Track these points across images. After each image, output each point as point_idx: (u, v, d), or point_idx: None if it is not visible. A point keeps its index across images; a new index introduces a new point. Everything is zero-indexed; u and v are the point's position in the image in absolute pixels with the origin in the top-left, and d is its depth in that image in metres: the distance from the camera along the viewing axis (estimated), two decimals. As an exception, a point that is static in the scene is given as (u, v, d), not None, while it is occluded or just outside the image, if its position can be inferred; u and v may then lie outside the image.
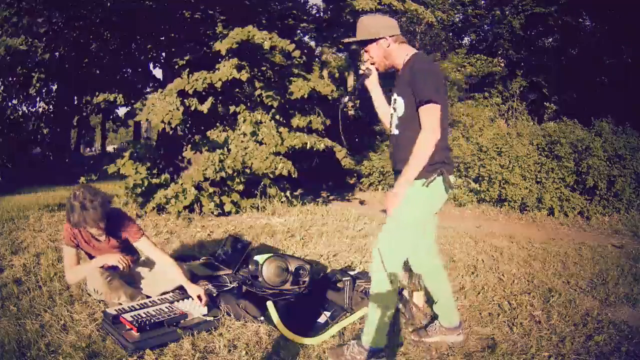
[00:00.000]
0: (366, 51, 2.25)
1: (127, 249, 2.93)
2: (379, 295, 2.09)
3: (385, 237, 2.09)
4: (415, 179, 2.03)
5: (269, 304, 2.51)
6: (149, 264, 3.01)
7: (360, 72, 2.34)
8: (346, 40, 2.37)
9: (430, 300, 2.58)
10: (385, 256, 2.07)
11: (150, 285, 2.87)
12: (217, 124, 6.87)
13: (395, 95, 2.20)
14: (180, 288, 2.80)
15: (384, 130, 10.56)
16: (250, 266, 3.02)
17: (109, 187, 8.84)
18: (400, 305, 2.73)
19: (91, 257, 2.83)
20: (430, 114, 1.99)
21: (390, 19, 2.25)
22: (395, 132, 2.21)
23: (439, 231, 5.48)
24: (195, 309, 2.55)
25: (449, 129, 2.19)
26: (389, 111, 2.29)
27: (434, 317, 2.48)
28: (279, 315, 2.50)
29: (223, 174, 5.81)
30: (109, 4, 6.31)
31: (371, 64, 2.28)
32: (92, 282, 2.73)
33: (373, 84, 2.36)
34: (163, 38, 7.19)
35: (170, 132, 6.87)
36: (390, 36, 2.17)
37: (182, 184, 5.83)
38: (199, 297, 2.61)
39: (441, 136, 2.02)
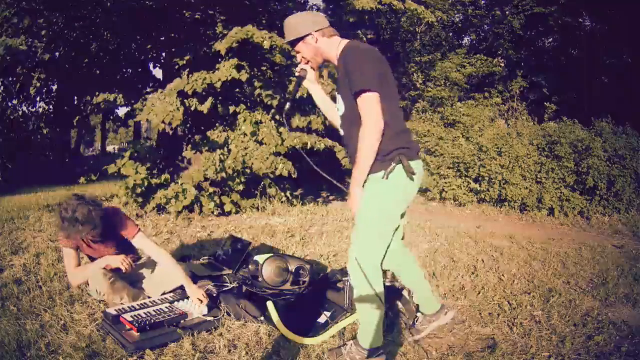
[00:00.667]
0: (297, 52, 2.17)
1: (126, 246, 2.91)
2: (362, 298, 2.05)
3: (356, 238, 2.06)
4: (374, 172, 1.97)
5: (269, 304, 2.51)
6: (151, 264, 3.01)
7: (296, 73, 2.24)
8: (283, 42, 2.32)
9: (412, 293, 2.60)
10: (361, 258, 2.04)
11: (152, 286, 2.87)
12: (217, 124, 6.87)
13: (336, 93, 2.16)
14: (181, 287, 2.80)
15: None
16: (250, 266, 3.02)
17: (109, 187, 8.84)
18: (400, 306, 2.73)
19: (91, 257, 2.83)
20: (366, 104, 1.90)
21: (316, 14, 2.19)
22: (342, 132, 2.17)
23: (440, 230, 5.48)
24: (195, 309, 2.55)
25: (401, 112, 2.12)
26: (332, 108, 2.26)
27: (417, 310, 2.49)
28: (279, 315, 2.50)
29: (223, 174, 5.81)
30: (109, 4, 6.31)
31: (305, 63, 2.20)
32: (94, 283, 2.73)
33: (312, 84, 2.28)
34: (163, 38, 7.19)
35: (170, 132, 6.87)
36: (316, 31, 2.08)
37: (182, 184, 5.83)
38: (198, 299, 2.60)
39: (394, 122, 1.96)
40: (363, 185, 2.03)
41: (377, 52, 2.07)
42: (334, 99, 2.29)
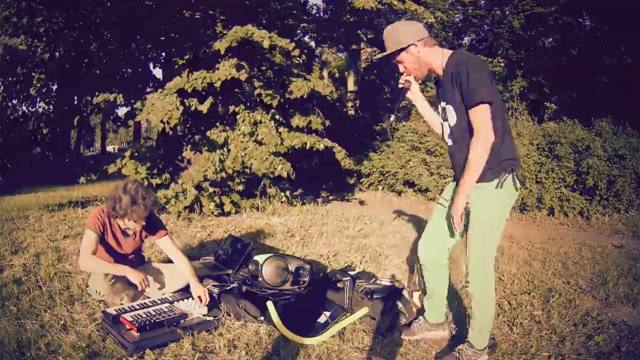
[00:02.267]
0: (399, 62, 2.15)
1: (139, 250, 3.00)
2: (482, 303, 2.12)
3: (477, 246, 2.07)
4: (487, 181, 1.98)
5: (269, 304, 2.51)
6: (151, 266, 3.02)
7: (400, 85, 2.22)
8: (378, 56, 2.28)
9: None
10: (483, 265, 2.09)
11: (154, 289, 2.87)
12: (217, 124, 6.86)
13: (443, 104, 2.11)
14: (181, 289, 2.80)
15: (384, 130, 10.58)
16: (250, 266, 3.02)
17: (109, 187, 8.84)
18: (400, 305, 2.73)
19: (110, 249, 2.80)
20: (480, 116, 1.89)
21: (415, 23, 2.14)
22: (450, 142, 2.15)
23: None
24: (195, 309, 2.55)
25: (507, 122, 2.12)
26: (439, 120, 2.22)
27: (420, 312, 2.49)
28: (279, 315, 2.50)
29: (223, 174, 5.81)
30: (109, 4, 6.31)
31: (408, 74, 2.18)
32: (94, 283, 2.73)
33: (415, 95, 2.26)
34: (163, 38, 7.19)
35: (170, 132, 6.87)
36: (419, 40, 2.06)
37: (182, 184, 5.83)
38: (199, 297, 2.62)
39: (504, 133, 1.96)
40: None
41: (486, 62, 2.10)
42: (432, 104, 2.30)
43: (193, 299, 2.63)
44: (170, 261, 2.98)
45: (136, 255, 2.98)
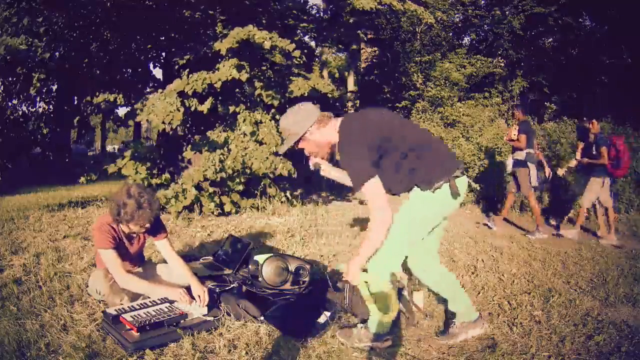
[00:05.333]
0: (302, 148, 2.25)
1: (142, 251, 2.99)
2: (378, 296, 2.14)
3: (391, 232, 2.10)
4: (422, 189, 2.07)
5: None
6: (152, 266, 3.02)
7: (312, 168, 2.35)
8: (280, 149, 2.39)
9: (440, 300, 2.59)
10: (384, 257, 2.10)
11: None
12: (217, 124, 6.86)
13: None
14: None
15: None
16: (250, 266, 3.02)
17: (109, 187, 8.84)
18: (401, 305, 2.73)
19: (119, 255, 2.78)
20: (369, 198, 1.99)
21: (307, 106, 2.19)
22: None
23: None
24: (195, 309, 2.55)
25: (427, 144, 2.16)
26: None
27: (451, 317, 2.47)
28: (279, 316, 2.51)
29: (223, 174, 5.81)
30: (109, 4, 6.31)
31: (315, 157, 2.29)
32: (94, 283, 2.73)
33: (329, 172, 2.37)
34: (163, 38, 7.19)
35: (170, 132, 6.87)
36: (311, 126, 2.14)
37: (182, 184, 5.83)
38: (199, 296, 2.61)
39: (429, 153, 2.06)
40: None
41: (369, 119, 2.11)
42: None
43: (194, 299, 2.63)
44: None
45: (138, 255, 2.98)
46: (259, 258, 3.00)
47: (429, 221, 2.18)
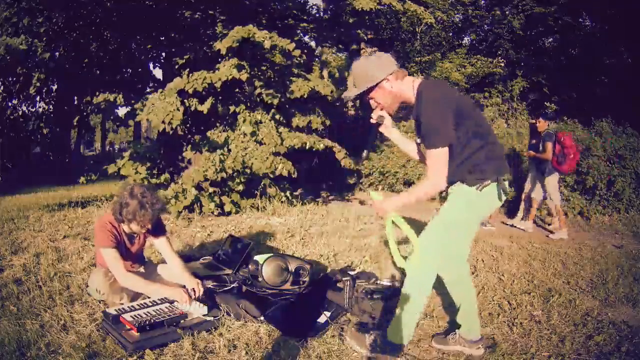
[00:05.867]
0: (371, 98, 2.10)
1: (141, 250, 2.99)
2: (408, 296, 2.08)
3: (429, 234, 2.05)
4: (468, 185, 2.01)
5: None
6: (152, 267, 3.02)
7: (372, 121, 2.17)
8: (348, 94, 2.16)
9: (450, 307, 2.55)
10: (425, 254, 2.04)
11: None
12: (217, 124, 6.87)
13: (418, 140, 2.13)
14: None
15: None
16: (250, 266, 3.02)
17: (109, 187, 8.84)
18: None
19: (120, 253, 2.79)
20: (432, 161, 1.94)
21: (385, 56, 2.07)
22: None
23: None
24: (195, 309, 2.55)
25: (490, 136, 2.08)
26: (413, 147, 2.26)
27: (456, 326, 2.37)
28: (279, 316, 2.51)
29: (223, 174, 5.81)
30: (109, 4, 6.31)
31: (380, 109, 2.13)
32: (94, 283, 2.73)
33: (389, 130, 2.23)
34: (163, 38, 7.19)
35: (170, 132, 6.87)
36: (390, 75, 2.01)
37: (182, 184, 5.83)
38: (193, 289, 2.62)
39: (491, 146, 2.00)
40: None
41: (449, 90, 2.06)
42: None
43: (192, 297, 2.63)
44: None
45: (138, 255, 2.99)
46: (259, 258, 3.00)
47: (475, 220, 2.12)
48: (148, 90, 7.81)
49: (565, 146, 5.35)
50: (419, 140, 2.12)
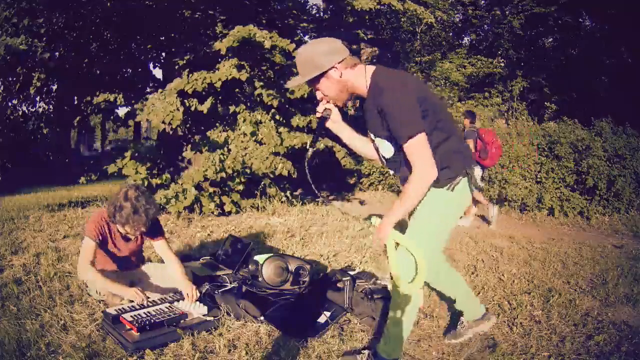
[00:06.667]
0: (317, 89, 1.89)
1: (139, 252, 2.99)
2: (400, 306, 2.00)
3: (421, 251, 1.89)
4: (438, 187, 1.87)
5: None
6: (152, 267, 3.02)
7: (318, 115, 1.95)
8: (290, 84, 2.00)
9: (448, 306, 2.56)
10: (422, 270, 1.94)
11: (153, 290, 2.87)
12: (217, 124, 6.87)
13: (372, 136, 1.97)
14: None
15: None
16: (250, 266, 3.02)
17: (109, 187, 8.84)
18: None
19: (110, 254, 2.79)
20: (414, 150, 1.75)
21: (333, 41, 1.85)
22: (392, 171, 2.03)
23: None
24: (195, 309, 2.55)
25: (454, 127, 1.95)
26: (369, 145, 2.06)
27: (459, 315, 2.42)
28: (279, 316, 2.50)
29: (223, 174, 5.81)
30: (109, 4, 6.31)
31: (327, 102, 1.93)
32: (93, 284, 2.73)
33: (338, 126, 2.02)
34: (163, 38, 7.19)
35: (170, 132, 6.87)
36: (339, 62, 1.80)
37: (182, 184, 5.83)
38: (187, 294, 2.62)
39: (454, 138, 1.88)
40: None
41: (408, 76, 1.91)
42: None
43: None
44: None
45: (136, 256, 2.99)
46: (259, 258, 3.00)
47: (454, 220, 2.03)
48: (148, 90, 7.80)
49: (486, 142, 5.71)
50: (373, 137, 1.97)
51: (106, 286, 2.57)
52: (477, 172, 5.73)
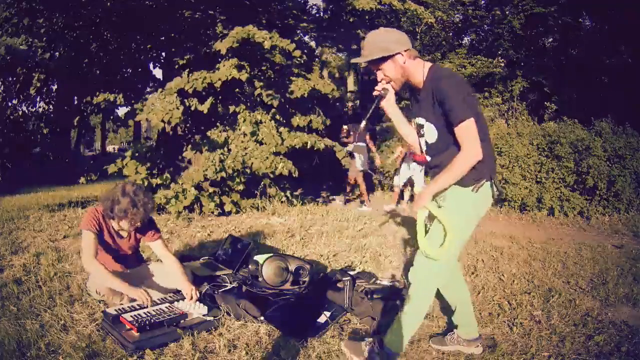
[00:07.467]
0: (380, 69, 2.06)
1: (136, 251, 2.99)
2: (417, 305, 2.07)
3: (449, 248, 2.00)
4: (464, 186, 1.98)
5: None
6: (152, 267, 3.02)
7: (375, 93, 2.12)
8: (357, 60, 2.16)
9: (446, 309, 2.55)
10: (442, 266, 2.04)
11: (153, 290, 2.87)
12: (217, 124, 6.87)
13: (420, 121, 2.08)
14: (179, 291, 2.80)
15: (384, 129, 10.56)
16: (250, 266, 3.02)
17: (109, 187, 8.82)
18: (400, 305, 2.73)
19: (109, 248, 2.79)
20: (467, 132, 1.88)
21: (402, 33, 2.07)
22: (429, 158, 2.13)
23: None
24: (195, 309, 2.55)
25: (487, 134, 2.07)
26: (413, 132, 2.19)
27: (453, 326, 2.38)
28: (279, 316, 2.50)
29: (223, 174, 5.81)
30: (109, 4, 6.31)
31: (386, 82, 2.09)
32: (94, 283, 2.73)
33: (391, 105, 2.17)
34: (163, 38, 7.18)
35: (170, 132, 6.87)
36: (405, 51, 2.01)
37: (182, 184, 5.83)
38: (187, 294, 2.62)
39: (486, 144, 1.96)
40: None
41: (463, 78, 2.06)
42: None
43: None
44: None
45: (134, 254, 2.98)
46: (259, 258, 3.00)
47: (474, 223, 2.12)
48: (148, 90, 7.80)
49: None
50: (420, 121, 2.09)
51: (108, 280, 2.56)
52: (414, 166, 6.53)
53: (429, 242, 2.03)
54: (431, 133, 2.05)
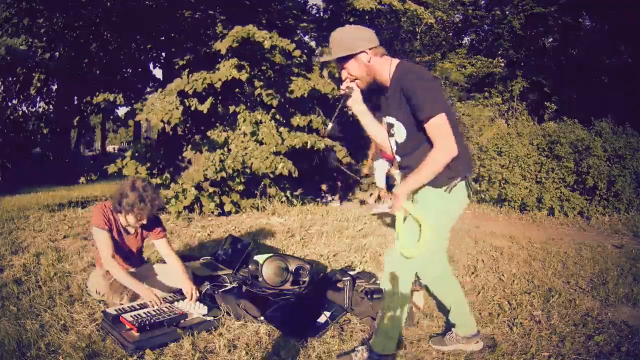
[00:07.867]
0: (344, 68, 2.03)
1: (140, 250, 3.01)
2: (392, 303, 2.04)
3: (424, 250, 1.96)
4: (436, 186, 1.92)
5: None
6: (152, 267, 3.02)
7: (341, 91, 2.10)
8: (323, 59, 2.24)
9: (441, 308, 2.55)
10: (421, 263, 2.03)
11: (154, 287, 2.87)
12: (217, 124, 6.87)
13: (389, 119, 2.03)
14: (179, 291, 2.80)
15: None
16: (250, 266, 3.02)
17: (109, 187, 8.83)
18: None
19: (115, 246, 2.76)
20: (439, 128, 1.83)
21: (368, 30, 2.03)
22: (398, 158, 2.09)
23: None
24: (195, 309, 2.55)
25: (459, 131, 2.00)
26: (383, 131, 2.14)
27: (451, 325, 2.37)
28: (279, 316, 2.50)
29: (223, 174, 5.81)
30: (109, 4, 6.31)
31: (351, 81, 2.06)
32: (94, 283, 2.73)
33: (357, 104, 2.12)
34: (163, 38, 7.19)
35: (170, 132, 6.87)
36: (370, 49, 1.97)
37: (182, 184, 5.83)
38: (188, 293, 2.63)
39: (459, 139, 1.90)
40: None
41: (431, 72, 2.04)
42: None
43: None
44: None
45: (138, 255, 2.99)
46: (259, 258, 3.00)
47: (450, 223, 2.08)
48: (148, 90, 7.81)
49: None
50: (389, 120, 2.04)
51: (126, 280, 2.58)
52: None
53: (404, 242, 1.98)
54: (400, 132, 2.00)
